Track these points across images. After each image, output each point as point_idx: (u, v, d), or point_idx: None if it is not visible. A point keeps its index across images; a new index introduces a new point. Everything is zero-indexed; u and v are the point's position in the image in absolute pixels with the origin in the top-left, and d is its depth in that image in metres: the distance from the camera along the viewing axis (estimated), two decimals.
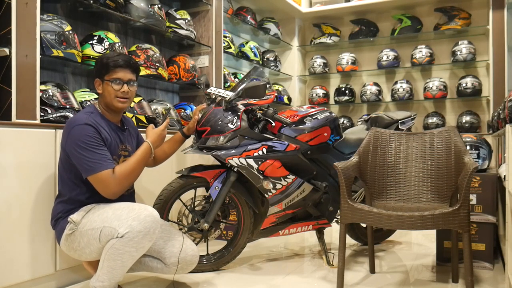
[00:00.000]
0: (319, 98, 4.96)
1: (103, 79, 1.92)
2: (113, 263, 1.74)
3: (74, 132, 1.80)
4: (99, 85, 1.94)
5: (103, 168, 1.78)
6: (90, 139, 1.80)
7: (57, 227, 1.90)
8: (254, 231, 2.47)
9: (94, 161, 1.78)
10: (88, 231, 1.79)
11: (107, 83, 1.92)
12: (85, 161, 1.78)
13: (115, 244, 1.72)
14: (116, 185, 1.82)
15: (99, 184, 1.80)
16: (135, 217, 1.73)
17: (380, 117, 2.84)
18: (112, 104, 1.93)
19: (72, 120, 1.86)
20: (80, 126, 1.81)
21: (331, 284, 2.19)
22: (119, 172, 1.83)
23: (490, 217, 2.39)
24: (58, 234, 1.90)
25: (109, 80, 1.91)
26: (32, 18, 2.06)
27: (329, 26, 4.97)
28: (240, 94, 2.31)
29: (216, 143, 2.29)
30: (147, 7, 2.87)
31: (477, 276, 2.28)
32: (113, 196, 1.84)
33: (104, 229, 1.75)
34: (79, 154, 1.78)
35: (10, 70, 1.96)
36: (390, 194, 2.26)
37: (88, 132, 1.80)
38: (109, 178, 1.79)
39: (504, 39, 3.96)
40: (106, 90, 1.92)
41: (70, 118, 1.91)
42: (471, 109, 4.38)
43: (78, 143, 1.78)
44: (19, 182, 1.92)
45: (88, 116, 1.87)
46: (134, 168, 1.89)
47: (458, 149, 2.13)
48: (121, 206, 1.81)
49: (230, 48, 3.88)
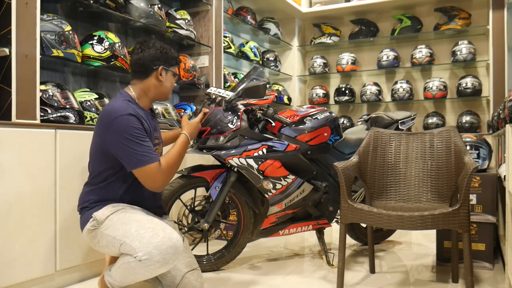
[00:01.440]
0: (319, 98, 4.96)
1: (169, 69, 1.92)
2: (127, 275, 1.72)
3: (118, 123, 1.72)
4: (161, 73, 1.89)
5: (151, 161, 1.74)
6: (136, 130, 1.74)
7: (82, 216, 1.85)
8: (254, 231, 2.47)
9: (141, 153, 1.73)
10: (109, 237, 1.74)
11: (172, 74, 1.94)
12: (132, 154, 1.72)
13: (131, 263, 1.67)
14: (163, 178, 1.79)
15: (147, 177, 1.75)
16: (157, 245, 1.63)
17: (380, 117, 2.84)
18: (167, 94, 1.95)
19: (112, 109, 1.77)
20: (124, 116, 1.73)
21: (331, 284, 2.19)
22: (165, 165, 1.80)
23: (490, 217, 2.39)
24: (82, 223, 1.85)
25: (174, 73, 1.95)
26: (32, 18, 2.06)
27: (329, 26, 4.97)
28: (240, 94, 2.31)
29: (216, 143, 2.29)
30: (147, 7, 2.87)
31: (477, 276, 2.28)
32: (159, 189, 1.81)
33: (124, 245, 1.69)
34: (126, 146, 1.72)
35: (10, 70, 1.96)
36: (390, 194, 2.26)
37: (133, 123, 1.74)
38: (157, 171, 1.76)
39: (504, 39, 3.96)
40: (169, 80, 1.93)
41: (106, 107, 1.81)
42: (471, 109, 4.38)
43: (124, 135, 1.71)
44: (19, 182, 1.92)
45: (127, 105, 1.80)
46: (177, 160, 1.87)
47: (458, 149, 2.13)
48: (146, 224, 1.71)
49: (230, 48, 3.88)
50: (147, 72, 1.88)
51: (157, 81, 1.90)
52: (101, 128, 1.78)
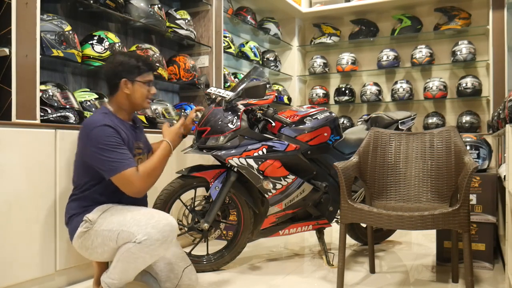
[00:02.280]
0: (319, 98, 4.96)
1: (134, 80, 1.91)
2: (127, 265, 1.74)
3: (94, 134, 1.77)
4: (127, 86, 1.90)
5: (126, 167, 1.76)
6: (111, 139, 1.77)
7: (71, 225, 1.87)
8: (254, 231, 2.46)
9: (117, 160, 1.76)
10: (105, 232, 1.77)
11: (139, 85, 1.92)
12: (107, 162, 1.76)
13: (131, 249, 1.70)
14: (141, 182, 1.80)
15: (124, 182, 1.78)
16: (155, 225, 1.71)
17: (380, 117, 2.84)
18: (141, 104, 1.95)
19: (89, 122, 1.83)
20: (99, 127, 1.78)
21: (331, 284, 2.19)
22: (142, 170, 1.81)
23: (490, 217, 2.39)
24: (71, 231, 1.87)
25: (142, 82, 1.92)
26: (32, 18, 2.06)
27: (329, 26, 4.97)
28: (240, 94, 2.31)
29: (216, 143, 2.29)
30: (147, 7, 2.87)
31: (477, 276, 2.28)
32: (138, 194, 1.82)
33: (122, 233, 1.73)
34: (101, 155, 1.76)
35: (10, 70, 1.96)
36: (390, 194, 2.26)
37: (108, 133, 1.78)
38: (134, 175, 1.77)
39: (504, 39, 3.96)
40: (138, 91, 1.92)
41: (85, 121, 1.87)
42: (471, 109, 4.38)
43: (99, 145, 1.76)
44: (19, 182, 1.92)
45: (104, 117, 1.85)
46: (156, 166, 1.87)
47: (458, 149, 2.13)
48: (141, 211, 1.79)
49: (230, 48, 3.88)
50: (113, 87, 1.92)
51: (125, 94, 1.91)
52: (81, 141, 1.84)
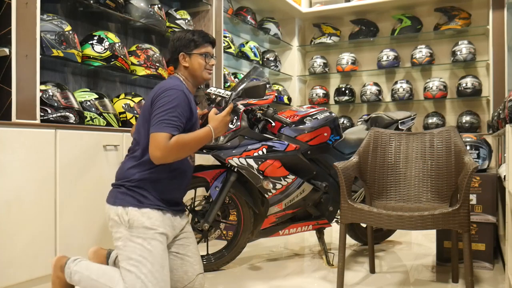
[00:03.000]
0: (319, 98, 4.96)
1: (191, 53, 1.98)
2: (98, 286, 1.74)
3: (170, 91, 1.81)
4: (185, 59, 1.98)
5: (164, 129, 1.74)
6: (179, 103, 1.80)
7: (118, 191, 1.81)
8: (254, 231, 2.46)
9: (164, 120, 1.76)
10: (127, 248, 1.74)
11: (196, 56, 1.99)
12: (158, 116, 1.76)
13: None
14: (166, 151, 1.75)
15: (152, 143, 1.75)
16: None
17: (380, 117, 2.84)
18: (201, 75, 2.00)
19: (168, 84, 1.86)
20: (178, 90, 1.83)
21: (331, 284, 2.19)
22: (174, 140, 1.76)
23: (490, 217, 2.39)
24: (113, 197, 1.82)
25: (199, 54, 1.99)
26: (32, 18, 2.06)
27: (329, 26, 4.97)
28: (240, 94, 2.31)
29: (216, 143, 2.29)
30: (147, 7, 2.87)
31: (477, 276, 2.28)
32: (157, 161, 1.77)
33: (130, 274, 1.70)
34: (160, 107, 1.77)
35: (10, 70, 1.96)
36: (390, 194, 2.26)
37: (180, 98, 1.82)
38: (163, 141, 1.73)
39: (504, 39, 3.96)
40: (196, 62, 1.99)
41: (162, 84, 1.89)
42: (471, 109, 4.38)
43: (168, 100, 1.78)
44: (19, 182, 1.92)
45: (181, 83, 1.91)
46: (189, 144, 1.83)
47: (458, 149, 2.13)
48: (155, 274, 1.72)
49: (230, 48, 3.88)
50: (175, 62, 2.02)
51: (185, 68, 2.00)
52: (154, 93, 1.85)
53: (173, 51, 2.01)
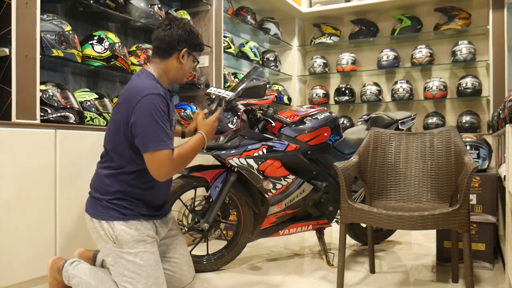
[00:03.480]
0: (319, 98, 4.96)
1: (191, 53, 1.89)
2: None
3: (147, 100, 1.66)
4: (184, 56, 1.85)
5: (166, 147, 1.67)
6: (161, 112, 1.69)
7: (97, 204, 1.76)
8: (254, 231, 2.46)
9: (159, 137, 1.66)
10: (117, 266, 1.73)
11: (192, 59, 1.91)
12: (150, 135, 1.65)
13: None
14: (172, 167, 1.72)
15: (156, 162, 1.67)
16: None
17: (380, 117, 2.84)
18: (182, 77, 1.91)
19: (141, 87, 1.71)
20: (154, 95, 1.68)
21: (331, 284, 2.19)
22: (177, 155, 1.73)
23: (490, 217, 2.39)
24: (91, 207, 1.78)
25: (195, 58, 1.93)
26: (32, 18, 2.06)
27: (329, 26, 4.97)
28: (240, 94, 2.31)
29: (216, 143, 2.29)
30: (147, 7, 2.87)
31: (477, 276, 2.28)
32: (165, 178, 1.74)
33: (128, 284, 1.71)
34: (147, 125, 1.65)
35: (10, 70, 1.96)
36: (390, 194, 2.26)
37: (161, 104, 1.69)
38: (169, 158, 1.68)
39: (504, 39, 3.96)
40: (188, 64, 1.90)
41: (133, 84, 1.75)
42: (471, 109, 4.38)
43: (151, 113, 1.66)
44: (19, 182, 1.92)
45: (152, 83, 1.75)
46: (189, 154, 1.80)
47: (458, 149, 2.13)
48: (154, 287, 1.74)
49: (230, 48, 3.88)
50: (170, 51, 1.83)
51: (178, 63, 1.85)
52: (128, 106, 1.70)
53: (178, 41, 1.82)
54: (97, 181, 1.81)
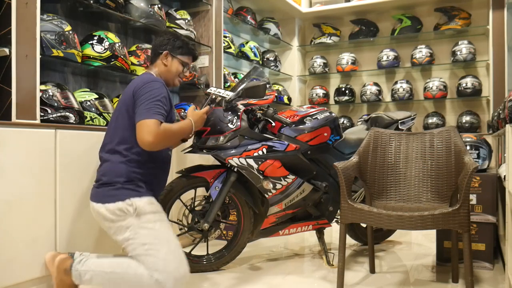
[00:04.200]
0: (319, 98, 4.96)
1: (175, 56, 2.08)
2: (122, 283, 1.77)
3: (153, 84, 1.88)
4: (167, 58, 2.06)
5: (155, 117, 1.82)
6: (162, 94, 1.88)
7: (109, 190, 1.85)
8: (254, 231, 2.46)
9: (152, 108, 1.82)
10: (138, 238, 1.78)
11: (178, 61, 2.09)
12: (145, 108, 1.82)
13: (143, 277, 1.73)
14: (158, 137, 1.81)
15: (144, 129, 1.80)
16: (176, 278, 1.75)
17: (380, 117, 2.84)
18: (172, 80, 2.10)
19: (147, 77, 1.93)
20: (159, 83, 1.91)
21: (331, 284, 2.19)
22: (164, 127, 1.85)
23: (490, 217, 2.39)
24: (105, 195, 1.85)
25: (181, 61, 2.10)
26: (32, 18, 2.05)
27: (329, 26, 4.97)
28: (240, 94, 2.31)
29: (216, 143, 2.29)
30: (147, 7, 2.87)
31: (477, 276, 2.28)
32: (148, 147, 1.82)
33: (149, 257, 1.75)
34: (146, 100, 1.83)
35: (10, 70, 1.96)
36: (390, 194, 2.26)
37: (163, 90, 1.90)
38: (154, 127, 1.80)
39: (504, 39, 3.96)
40: (174, 66, 2.09)
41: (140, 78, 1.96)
42: (471, 109, 4.38)
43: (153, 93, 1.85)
44: (19, 182, 1.92)
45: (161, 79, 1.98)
46: (174, 133, 1.93)
47: (458, 149, 2.13)
48: (175, 252, 1.81)
49: (230, 48, 3.88)
50: (156, 55, 2.09)
51: (163, 65, 2.07)
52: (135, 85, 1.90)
53: (160, 45, 2.07)
54: (108, 169, 1.90)
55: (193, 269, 2.35)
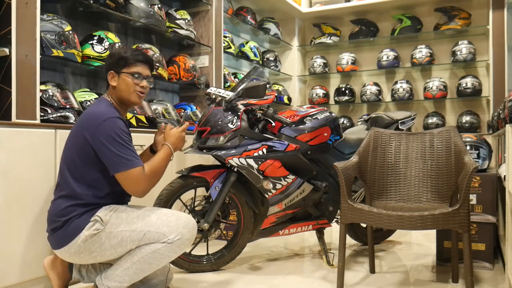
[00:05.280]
0: (319, 98, 4.96)
1: (120, 72, 1.85)
2: (148, 266, 1.75)
3: (106, 125, 1.72)
4: (113, 78, 1.86)
5: (136, 165, 1.73)
6: (124, 133, 1.74)
7: (67, 229, 1.74)
8: (254, 231, 2.46)
9: (127, 157, 1.72)
10: (125, 233, 1.74)
11: (125, 76, 1.85)
12: (117, 157, 1.71)
13: (160, 249, 1.73)
14: (147, 182, 1.78)
15: (131, 181, 1.74)
16: (185, 225, 1.77)
17: (380, 117, 2.84)
18: (129, 98, 1.87)
19: (97, 112, 1.76)
20: (112, 119, 1.74)
21: (331, 284, 2.19)
22: (148, 170, 1.78)
23: (490, 217, 2.39)
24: (66, 236, 1.74)
25: (128, 73, 1.85)
26: (32, 18, 2.06)
27: (329, 26, 4.97)
28: (240, 94, 2.31)
29: (216, 143, 2.29)
30: (147, 7, 2.87)
31: (477, 276, 2.28)
32: (142, 194, 1.79)
33: (149, 233, 1.73)
34: (112, 148, 1.70)
35: (10, 70, 1.96)
36: (390, 194, 2.26)
37: (121, 126, 1.75)
38: (142, 174, 1.75)
39: (504, 39, 3.96)
40: (124, 83, 1.85)
41: (90, 111, 1.80)
42: (471, 109, 4.38)
43: (113, 137, 1.71)
44: (19, 182, 1.92)
45: (110, 109, 1.80)
46: (160, 168, 1.85)
47: (458, 149, 2.13)
48: (162, 211, 1.80)
49: (230, 48, 3.88)
50: (106, 81, 1.91)
51: (112, 87, 1.88)
52: (86, 132, 1.74)
53: (106, 69, 1.89)
54: (55, 210, 1.79)
55: (193, 269, 2.35)
